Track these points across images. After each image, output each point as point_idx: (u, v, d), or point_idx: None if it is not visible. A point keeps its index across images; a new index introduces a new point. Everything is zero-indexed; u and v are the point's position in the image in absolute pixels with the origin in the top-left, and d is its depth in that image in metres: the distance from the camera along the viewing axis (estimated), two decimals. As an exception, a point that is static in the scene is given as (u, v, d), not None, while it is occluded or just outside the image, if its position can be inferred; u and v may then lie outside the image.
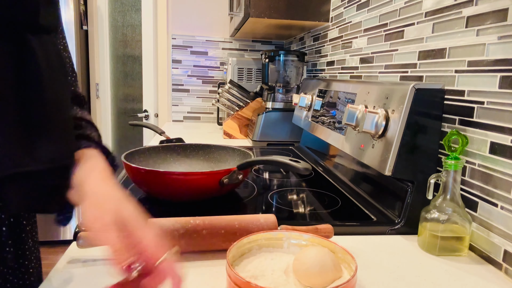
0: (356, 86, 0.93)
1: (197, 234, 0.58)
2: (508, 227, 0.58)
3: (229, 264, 0.46)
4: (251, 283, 0.42)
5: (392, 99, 0.73)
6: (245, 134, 1.73)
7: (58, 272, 0.53)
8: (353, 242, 0.66)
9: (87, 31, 2.60)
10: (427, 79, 0.80)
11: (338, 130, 0.99)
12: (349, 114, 0.82)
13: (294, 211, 0.79)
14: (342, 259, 0.51)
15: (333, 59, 1.37)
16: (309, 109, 1.28)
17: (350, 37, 1.22)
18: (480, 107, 0.64)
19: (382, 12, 1.00)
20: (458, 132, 0.61)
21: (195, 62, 2.27)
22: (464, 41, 0.69)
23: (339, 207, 0.81)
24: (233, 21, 1.91)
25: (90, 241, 0.55)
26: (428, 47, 0.80)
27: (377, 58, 1.02)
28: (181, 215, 0.61)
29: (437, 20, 0.77)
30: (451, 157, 0.61)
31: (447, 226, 0.61)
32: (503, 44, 0.60)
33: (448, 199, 0.62)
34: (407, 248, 0.65)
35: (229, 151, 1.00)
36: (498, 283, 0.55)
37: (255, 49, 2.29)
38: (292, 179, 1.03)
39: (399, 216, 0.72)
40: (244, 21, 1.55)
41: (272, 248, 0.56)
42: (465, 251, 0.63)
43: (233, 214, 0.62)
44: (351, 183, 0.96)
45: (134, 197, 0.83)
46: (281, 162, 0.77)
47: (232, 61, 2.01)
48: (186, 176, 0.77)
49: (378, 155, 0.74)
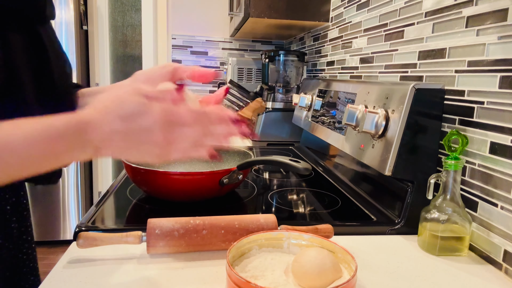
0: (356, 86, 0.93)
1: (197, 234, 0.58)
2: (508, 227, 0.58)
3: (229, 264, 0.46)
4: (251, 283, 0.42)
5: (392, 99, 0.73)
6: (245, 134, 1.73)
7: (58, 272, 0.53)
8: (353, 242, 0.66)
9: (87, 31, 2.60)
10: (427, 79, 0.80)
11: (338, 130, 0.98)
12: (349, 114, 0.82)
13: (294, 211, 0.79)
14: (342, 259, 0.51)
15: (333, 59, 1.37)
16: (309, 109, 1.28)
17: (350, 37, 1.22)
18: (480, 107, 0.64)
19: (382, 12, 1.00)
20: (458, 132, 0.61)
21: (195, 62, 2.27)
22: (464, 41, 0.69)
23: (339, 207, 0.81)
24: (233, 21, 1.91)
25: (90, 241, 0.55)
26: (428, 47, 0.79)
27: (377, 58, 1.02)
28: (181, 215, 0.61)
29: (437, 20, 0.77)
30: (451, 157, 0.61)
31: (447, 226, 0.61)
32: (503, 44, 0.60)
33: (448, 199, 0.62)
34: (407, 248, 0.65)
35: (229, 151, 1.00)
36: (498, 283, 0.55)
37: (255, 49, 2.29)
38: (292, 179, 1.03)
39: (399, 216, 0.72)
40: (244, 21, 1.55)
41: (272, 248, 0.56)
42: (465, 251, 0.63)
43: (233, 214, 0.62)
44: (351, 183, 0.96)
45: (133, 198, 0.83)
46: (281, 162, 0.77)
47: (232, 61, 2.01)
48: (186, 176, 0.77)
49: (378, 155, 0.74)
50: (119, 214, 0.75)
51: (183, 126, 0.41)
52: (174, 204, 0.78)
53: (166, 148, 0.41)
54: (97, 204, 0.77)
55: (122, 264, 0.55)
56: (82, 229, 0.64)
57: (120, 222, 0.71)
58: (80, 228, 0.65)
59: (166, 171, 0.82)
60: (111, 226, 0.68)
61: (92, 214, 0.71)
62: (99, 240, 0.56)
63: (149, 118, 0.39)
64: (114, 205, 0.79)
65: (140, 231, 0.57)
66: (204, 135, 0.43)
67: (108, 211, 0.75)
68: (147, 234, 0.56)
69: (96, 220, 0.69)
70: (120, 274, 0.53)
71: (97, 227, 0.66)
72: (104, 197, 0.81)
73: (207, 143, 0.43)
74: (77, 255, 0.57)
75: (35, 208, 2.35)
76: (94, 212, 0.72)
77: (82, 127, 0.38)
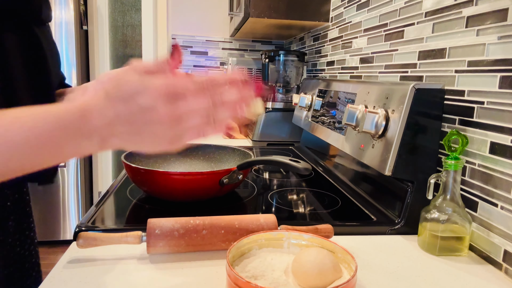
0: (356, 86, 0.93)
1: (197, 234, 0.58)
2: (508, 227, 0.58)
3: (229, 264, 0.46)
4: (251, 283, 0.42)
5: (392, 99, 0.73)
6: (245, 134, 1.73)
7: (58, 272, 0.53)
8: (353, 242, 0.66)
9: (87, 31, 2.60)
10: (427, 79, 0.80)
11: (338, 130, 0.98)
12: (349, 114, 0.82)
13: (294, 211, 0.79)
14: (342, 259, 0.51)
15: (333, 59, 1.37)
16: (309, 109, 1.28)
17: (350, 37, 1.22)
18: (480, 107, 0.64)
19: (382, 12, 1.00)
20: (458, 132, 0.61)
21: (195, 62, 2.27)
22: (464, 41, 0.69)
23: (339, 207, 0.81)
24: (233, 21, 1.91)
25: (90, 241, 0.55)
26: (428, 47, 0.79)
27: (377, 58, 1.02)
28: (181, 215, 0.61)
29: (437, 20, 0.77)
30: (451, 157, 0.61)
31: (447, 226, 0.61)
32: (503, 44, 0.60)
33: (448, 199, 0.62)
34: (407, 248, 0.65)
35: (229, 151, 1.00)
36: (498, 283, 0.55)
37: (255, 49, 2.29)
38: (292, 179, 1.03)
39: (399, 216, 0.72)
40: (244, 21, 1.55)
41: (272, 248, 0.56)
42: (465, 251, 0.63)
43: (233, 214, 0.62)
44: (351, 183, 0.96)
45: (133, 198, 0.83)
46: (281, 162, 0.77)
47: (232, 61, 2.01)
48: (186, 176, 0.77)
49: (378, 155, 0.74)
50: (119, 214, 0.75)
51: (189, 98, 0.36)
52: (174, 204, 0.78)
53: (176, 128, 0.36)
54: (97, 204, 0.77)
55: (122, 264, 0.55)
56: (82, 229, 0.64)
57: (120, 222, 0.71)
58: (80, 228, 0.65)
59: (166, 171, 0.82)
60: (111, 226, 0.68)
61: (92, 214, 0.71)
62: (99, 240, 0.56)
63: (149, 95, 0.35)
64: (114, 205, 0.79)
65: (140, 231, 0.57)
66: (215, 105, 0.37)
67: (108, 211, 0.75)
68: (147, 234, 0.56)
69: (96, 220, 0.69)
70: (120, 274, 0.53)
71: (97, 227, 0.66)
72: (104, 197, 0.81)
73: (222, 116, 0.38)
74: (77, 255, 0.57)
75: (35, 208, 2.34)
76: (94, 212, 0.72)
77: (84, 114, 0.35)
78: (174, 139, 0.37)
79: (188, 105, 0.36)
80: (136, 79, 0.36)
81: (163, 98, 0.35)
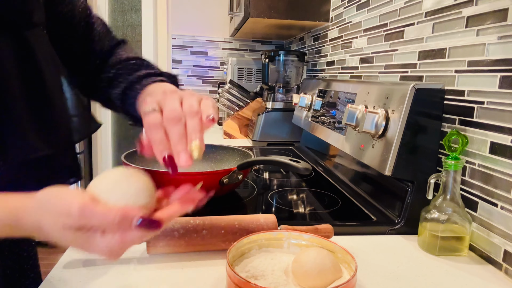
0: (356, 86, 0.93)
1: (197, 234, 0.58)
2: (508, 227, 0.58)
3: (229, 264, 0.46)
4: (251, 283, 0.42)
5: (392, 99, 0.73)
6: (245, 134, 1.73)
7: (58, 272, 0.53)
8: (353, 242, 0.66)
9: (87, 31, 2.59)
10: (427, 79, 0.80)
11: (338, 130, 0.99)
12: (349, 114, 0.82)
13: (294, 211, 0.79)
14: (342, 259, 0.51)
15: (333, 59, 1.37)
16: (309, 109, 1.28)
17: (350, 37, 1.22)
18: (480, 107, 0.64)
19: (382, 12, 1.00)
20: (458, 132, 0.61)
21: (195, 62, 2.27)
22: (464, 41, 0.69)
23: (339, 207, 0.81)
24: (233, 21, 1.91)
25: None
26: (428, 47, 0.79)
27: (377, 58, 1.02)
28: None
29: (437, 20, 0.77)
30: (451, 157, 0.61)
31: (447, 226, 0.61)
32: (503, 44, 0.60)
33: (448, 199, 0.62)
34: (407, 248, 0.65)
35: (229, 151, 1.00)
36: (498, 283, 0.55)
37: (255, 49, 2.29)
38: (292, 179, 1.03)
39: (399, 216, 0.72)
40: (244, 21, 1.55)
41: (272, 248, 0.56)
42: (465, 251, 0.63)
43: (233, 214, 0.62)
44: (351, 183, 0.96)
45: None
46: (281, 162, 0.77)
47: (232, 61, 2.01)
48: (186, 176, 0.77)
49: (378, 155, 0.74)
50: (119, 214, 0.75)
51: (96, 234, 0.38)
52: (174, 204, 0.78)
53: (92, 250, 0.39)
54: (97, 204, 0.76)
55: (122, 264, 0.55)
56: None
57: (120, 222, 0.71)
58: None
59: (166, 171, 0.82)
60: (111, 226, 0.68)
61: (92, 214, 0.71)
62: (99, 240, 0.56)
63: (67, 221, 0.37)
64: (114, 205, 0.79)
65: (140, 231, 0.57)
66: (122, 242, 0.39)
67: (108, 211, 0.75)
68: (147, 234, 0.56)
69: (96, 220, 0.69)
70: (120, 274, 0.53)
71: (97, 227, 0.66)
72: (104, 197, 0.81)
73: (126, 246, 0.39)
74: (77, 255, 0.57)
75: (35, 208, 2.34)
76: (94, 212, 0.72)
77: (17, 216, 0.38)
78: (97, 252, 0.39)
79: (95, 237, 0.38)
80: (61, 235, 0.38)
81: (74, 228, 0.37)
